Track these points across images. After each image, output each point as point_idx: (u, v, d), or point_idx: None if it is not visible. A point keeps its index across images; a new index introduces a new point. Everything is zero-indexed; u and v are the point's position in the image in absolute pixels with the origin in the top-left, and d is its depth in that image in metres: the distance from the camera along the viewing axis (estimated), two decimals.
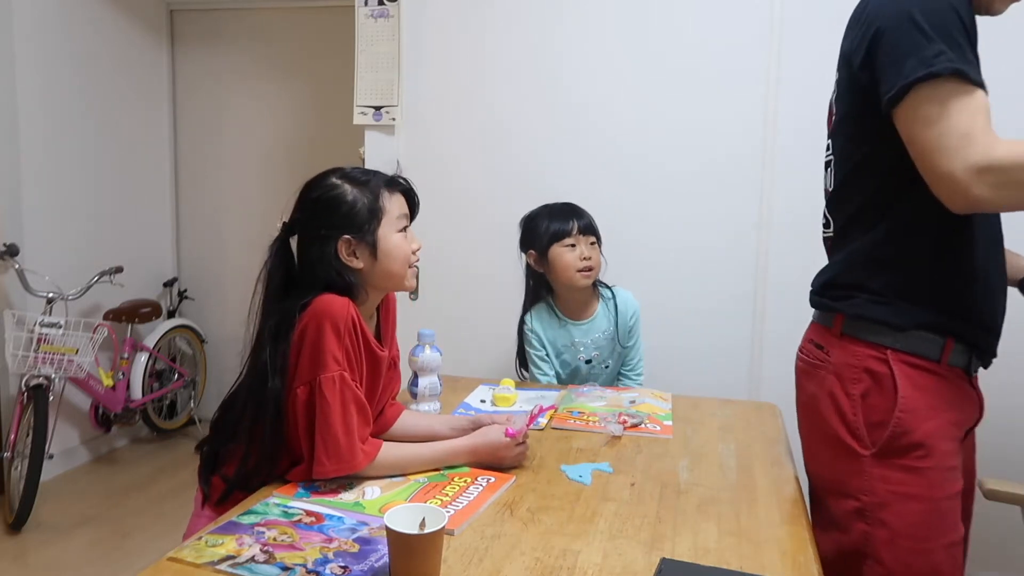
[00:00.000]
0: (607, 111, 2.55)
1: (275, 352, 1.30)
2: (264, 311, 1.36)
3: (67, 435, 3.50)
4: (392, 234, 1.38)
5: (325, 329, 1.28)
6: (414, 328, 1.79)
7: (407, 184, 1.44)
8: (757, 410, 1.89)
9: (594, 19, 2.54)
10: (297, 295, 1.33)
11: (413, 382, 1.75)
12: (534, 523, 1.21)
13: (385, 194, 1.38)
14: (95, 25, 3.57)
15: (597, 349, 2.11)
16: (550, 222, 2.06)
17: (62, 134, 3.43)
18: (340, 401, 1.28)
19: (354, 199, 1.36)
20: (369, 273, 1.38)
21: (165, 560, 1.07)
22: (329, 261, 1.34)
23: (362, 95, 2.73)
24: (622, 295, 2.14)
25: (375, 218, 1.36)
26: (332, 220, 1.35)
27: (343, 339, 1.29)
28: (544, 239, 2.06)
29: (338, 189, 1.36)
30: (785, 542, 1.18)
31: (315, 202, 1.37)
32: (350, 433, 1.28)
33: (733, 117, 2.44)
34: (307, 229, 1.37)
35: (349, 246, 1.35)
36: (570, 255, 2.03)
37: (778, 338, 2.47)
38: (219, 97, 4.05)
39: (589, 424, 1.70)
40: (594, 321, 2.12)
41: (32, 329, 3.01)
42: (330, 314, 1.29)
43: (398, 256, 1.39)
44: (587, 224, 2.08)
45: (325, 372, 1.28)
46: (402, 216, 1.41)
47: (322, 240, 1.35)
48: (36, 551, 2.84)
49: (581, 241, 2.04)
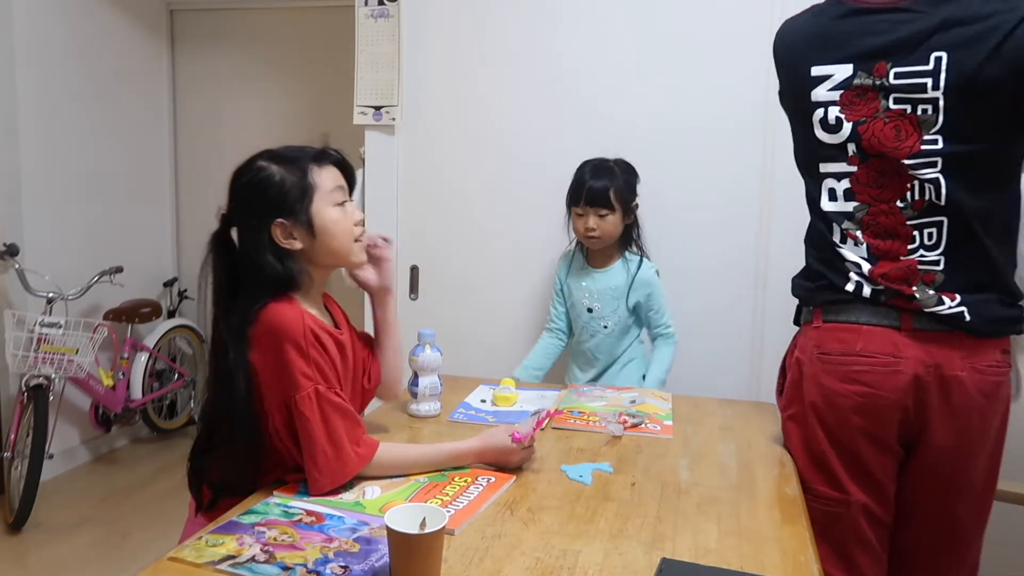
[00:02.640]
0: (607, 110, 2.54)
1: (237, 357, 1.26)
2: (217, 310, 1.33)
3: (67, 435, 3.50)
4: (327, 209, 1.33)
5: (286, 349, 1.25)
6: (414, 328, 1.79)
7: (338, 155, 1.39)
8: (757, 410, 1.89)
9: (594, 18, 2.54)
10: (245, 293, 1.29)
11: (413, 382, 1.75)
12: (534, 523, 1.21)
13: (314, 169, 1.33)
14: (95, 25, 3.57)
15: (600, 301, 2.18)
16: (573, 186, 2.19)
17: (62, 134, 3.43)
18: (320, 415, 1.26)
19: (282, 179, 1.30)
20: (311, 252, 1.33)
21: (165, 560, 1.07)
22: (267, 248, 1.29)
23: (362, 95, 2.73)
24: (645, 266, 2.21)
25: (306, 195, 1.31)
26: (263, 205, 1.30)
27: (307, 352, 1.26)
28: (567, 198, 2.21)
29: (265, 171, 1.31)
30: (785, 542, 1.18)
31: (244, 188, 1.32)
32: (337, 444, 1.26)
33: (735, 120, 2.44)
34: (241, 218, 1.32)
35: (284, 229, 1.30)
36: (579, 222, 2.17)
37: (778, 338, 2.47)
38: (219, 97, 4.05)
39: (589, 424, 1.70)
40: (608, 272, 2.21)
41: (32, 329, 3.01)
42: (287, 333, 1.25)
43: (337, 231, 1.34)
44: (597, 195, 2.13)
45: (298, 392, 1.25)
46: (337, 189, 1.35)
47: (256, 227, 1.30)
48: (36, 551, 2.84)
49: (589, 212, 2.13)
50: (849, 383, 1.40)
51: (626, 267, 2.21)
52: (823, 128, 1.44)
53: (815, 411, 1.45)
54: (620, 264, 2.22)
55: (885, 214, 1.40)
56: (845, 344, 1.41)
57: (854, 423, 1.41)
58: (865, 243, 1.42)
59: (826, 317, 1.46)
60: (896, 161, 1.37)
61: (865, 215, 1.42)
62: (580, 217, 2.16)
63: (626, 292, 2.18)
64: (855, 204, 1.43)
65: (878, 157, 1.39)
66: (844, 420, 1.41)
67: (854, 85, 1.39)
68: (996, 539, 2.19)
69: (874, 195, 1.41)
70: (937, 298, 1.36)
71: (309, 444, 1.25)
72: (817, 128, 1.45)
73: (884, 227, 1.40)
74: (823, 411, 1.44)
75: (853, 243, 1.43)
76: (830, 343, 1.44)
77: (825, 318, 1.46)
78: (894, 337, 1.38)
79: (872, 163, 1.40)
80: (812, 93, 1.43)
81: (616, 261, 2.22)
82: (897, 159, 1.36)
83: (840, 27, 1.41)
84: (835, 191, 1.45)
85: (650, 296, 2.20)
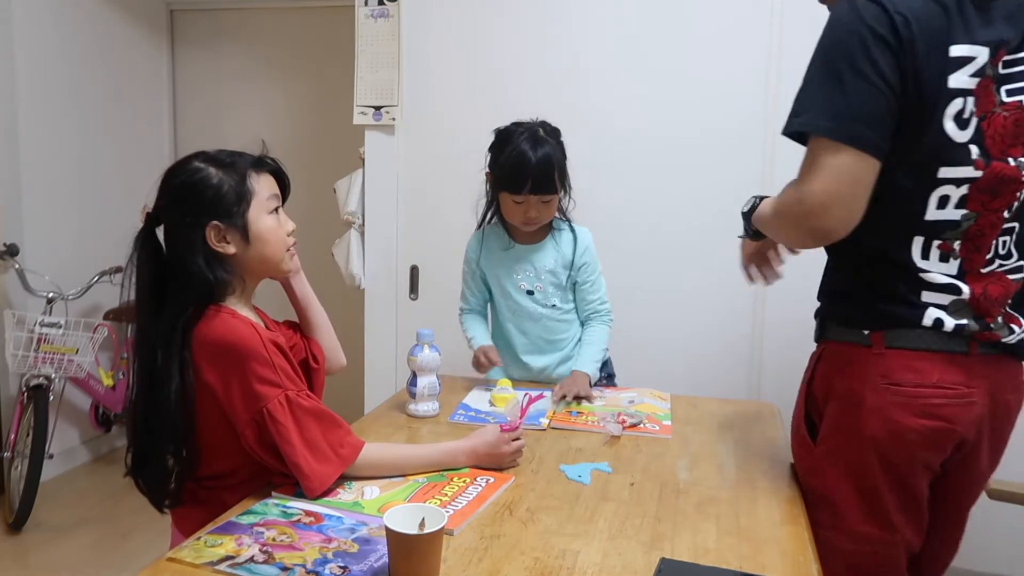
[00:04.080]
0: (608, 110, 2.55)
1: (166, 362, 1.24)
2: (142, 313, 1.30)
3: (67, 435, 3.50)
4: (263, 216, 1.32)
5: (249, 364, 1.23)
6: (413, 328, 1.79)
7: (275, 164, 1.37)
8: (757, 410, 1.89)
9: (595, 18, 2.54)
10: (173, 298, 1.27)
11: (412, 382, 1.75)
12: (533, 523, 1.21)
13: (252, 175, 1.31)
14: (95, 25, 3.57)
15: (539, 280, 1.96)
16: (509, 167, 1.85)
17: (62, 134, 3.43)
18: (294, 421, 1.24)
19: (220, 182, 1.28)
20: (243, 258, 1.32)
21: (165, 560, 1.07)
22: (198, 249, 1.27)
23: (362, 95, 2.73)
24: (580, 230, 1.99)
25: (244, 200, 1.29)
26: (198, 205, 1.27)
27: (272, 361, 1.24)
28: (498, 179, 1.91)
29: (202, 172, 1.29)
30: (785, 542, 1.18)
31: (179, 188, 1.29)
32: (316, 447, 1.25)
33: (736, 122, 2.44)
34: (172, 217, 1.30)
35: (219, 232, 1.28)
36: (516, 210, 1.88)
37: (778, 338, 2.47)
38: (219, 97, 4.05)
39: (588, 424, 1.70)
40: (542, 248, 1.97)
41: (32, 329, 3.01)
42: (247, 347, 1.24)
43: (271, 239, 1.33)
44: (543, 180, 1.83)
45: (268, 402, 1.23)
46: (272, 197, 1.34)
47: (189, 227, 1.27)
48: (36, 551, 2.84)
49: (532, 201, 1.86)
50: (924, 418, 1.25)
51: (556, 238, 1.97)
52: (956, 123, 1.20)
53: (875, 445, 1.28)
54: (549, 238, 1.98)
55: (992, 225, 1.24)
56: (920, 375, 1.25)
57: (919, 458, 1.28)
58: (960, 257, 1.25)
59: (891, 343, 1.27)
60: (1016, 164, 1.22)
61: (972, 225, 1.24)
62: (518, 205, 1.87)
63: (570, 264, 1.96)
64: (964, 212, 1.23)
65: (1000, 160, 1.21)
66: (910, 456, 1.28)
67: (987, 73, 1.19)
68: (996, 539, 2.20)
69: (986, 203, 1.23)
70: (1008, 327, 1.26)
71: (289, 452, 1.23)
72: (949, 123, 1.20)
73: (985, 238, 1.25)
74: (886, 446, 1.27)
75: (943, 257, 1.25)
76: (901, 373, 1.26)
77: (890, 344, 1.27)
78: (964, 364, 1.25)
79: (994, 167, 1.21)
80: (950, 79, 1.18)
81: (545, 235, 1.98)
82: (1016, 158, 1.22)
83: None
84: (948, 199, 1.23)
85: (586, 267, 1.97)
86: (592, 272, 1.99)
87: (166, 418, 1.26)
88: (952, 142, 1.20)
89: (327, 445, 1.27)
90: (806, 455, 1.40)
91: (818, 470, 1.36)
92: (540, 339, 2.01)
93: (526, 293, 1.98)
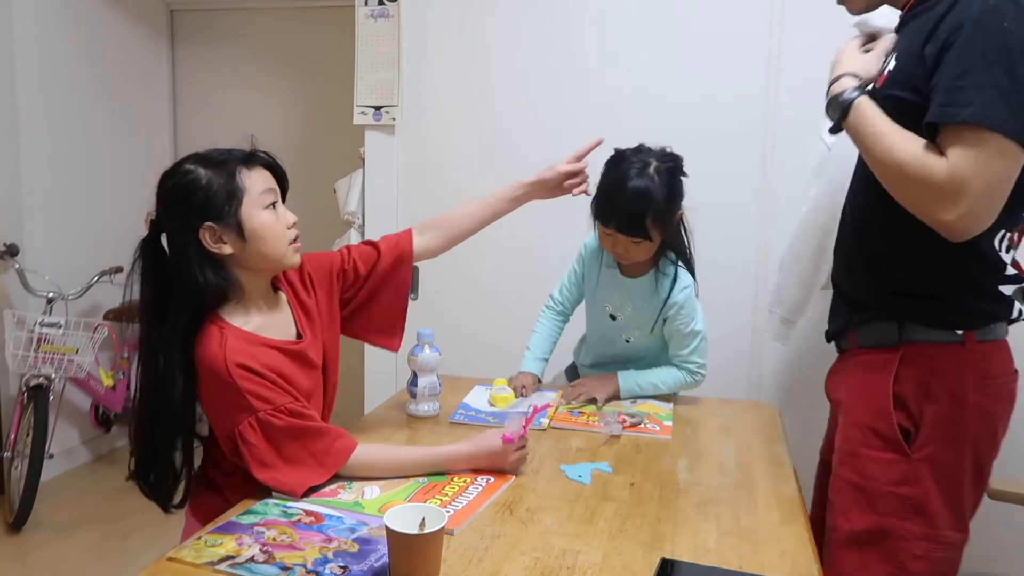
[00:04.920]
0: (607, 110, 2.54)
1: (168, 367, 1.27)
2: (146, 320, 1.31)
3: (67, 435, 3.49)
4: (257, 212, 1.30)
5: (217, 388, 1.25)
6: (414, 328, 1.79)
7: (268, 157, 1.35)
8: (757, 410, 1.89)
9: (595, 18, 2.54)
10: (175, 303, 1.28)
11: (412, 382, 1.75)
12: (534, 523, 1.21)
13: (243, 171, 1.30)
14: (95, 25, 3.57)
15: (624, 311, 1.88)
16: (601, 197, 1.77)
17: (62, 134, 3.43)
18: (266, 441, 1.25)
19: (209, 182, 1.27)
20: (242, 257, 1.31)
21: (165, 560, 1.07)
22: (195, 254, 1.27)
23: (362, 95, 2.73)
24: (682, 278, 1.85)
25: (234, 198, 1.28)
26: (190, 208, 1.27)
27: (238, 386, 1.24)
28: (592, 207, 1.81)
29: (192, 175, 1.28)
30: (785, 542, 1.18)
31: (171, 191, 1.29)
32: (292, 461, 1.26)
33: (735, 123, 2.44)
34: (169, 222, 1.30)
35: (213, 233, 1.28)
36: (606, 239, 1.79)
37: None
38: (219, 97, 4.05)
39: (589, 424, 1.70)
40: (640, 283, 1.85)
41: (32, 329, 3.01)
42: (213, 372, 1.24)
43: (268, 235, 1.31)
44: (629, 223, 1.72)
45: (237, 425, 1.24)
46: (267, 191, 1.32)
47: (184, 231, 1.27)
48: (36, 551, 2.84)
49: (620, 238, 1.75)
50: (1008, 402, 1.32)
51: (656, 281, 1.85)
52: None
53: (975, 444, 1.29)
54: (651, 276, 1.86)
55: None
56: (1004, 363, 1.33)
57: (999, 443, 1.33)
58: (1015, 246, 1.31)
59: (981, 337, 1.29)
60: None
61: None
62: (608, 236, 1.77)
63: (656, 313, 1.85)
64: None
65: None
66: (996, 445, 1.32)
67: None
68: (996, 539, 2.20)
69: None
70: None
71: (258, 470, 1.24)
72: None
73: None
74: (983, 441, 1.30)
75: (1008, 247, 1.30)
76: (993, 365, 1.31)
77: (980, 338, 1.29)
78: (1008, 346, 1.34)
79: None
80: None
81: (648, 272, 1.86)
82: None
83: None
84: None
85: (674, 316, 1.84)
86: (683, 322, 1.84)
87: (176, 416, 1.27)
88: None
89: (310, 456, 1.27)
90: (897, 463, 1.31)
91: (915, 478, 1.30)
92: (604, 356, 1.97)
93: (608, 316, 1.92)
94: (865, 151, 1.27)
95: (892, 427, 1.32)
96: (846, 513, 1.36)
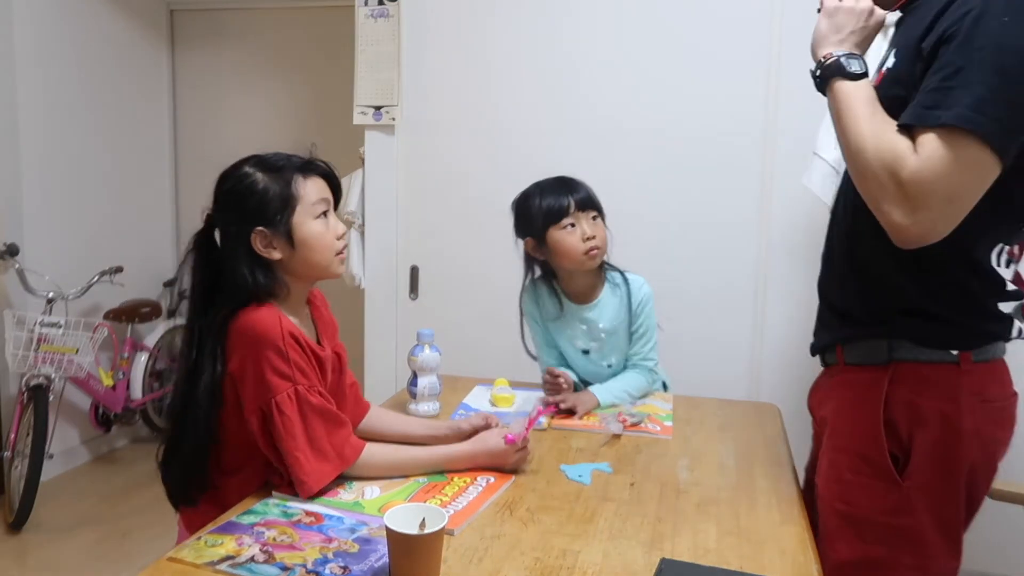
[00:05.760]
0: (607, 110, 2.54)
1: (201, 359, 1.28)
2: (194, 309, 1.33)
3: (67, 435, 3.49)
4: (308, 222, 1.31)
5: (265, 354, 1.24)
6: (413, 328, 1.79)
7: (325, 167, 1.37)
8: (757, 410, 1.89)
9: (595, 18, 2.54)
10: (222, 296, 1.29)
11: (412, 382, 1.75)
12: (534, 523, 1.21)
13: (299, 179, 1.31)
14: (95, 25, 3.57)
15: (595, 340, 1.87)
16: (542, 201, 1.80)
17: (62, 134, 3.43)
18: (299, 415, 1.25)
19: (265, 188, 1.29)
20: (289, 263, 1.32)
21: (165, 560, 1.07)
22: (245, 256, 1.28)
23: (362, 95, 2.73)
24: (635, 281, 1.88)
25: (288, 206, 1.29)
26: (243, 212, 1.29)
27: (286, 354, 1.25)
28: (539, 221, 1.79)
29: (249, 179, 1.30)
30: (785, 542, 1.18)
31: (227, 194, 1.31)
32: (317, 444, 1.26)
33: (735, 123, 2.44)
34: (223, 223, 1.32)
35: (265, 238, 1.29)
36: (571, 237, 1.77)
37: (778, 338, 2.47)
38: (219, 97, 4.05)
39: (589, 424, 1.70)
40: (598, 306, 1.86)
41: (32, 329, 3.01)
42: (263, 336, 1.25)
43: (317, 244, 1.32)
44: (584, 197, 1.80)
45: (277, 394, 1.24)
46: (320, 201, 1.33)
47: (236, 234, 1.29)
48: (36, 551, 2.84)
49: (581, 219, 1.77)
50: (1008, 428, 1.22)
51: (613, 290, 1.86)
52: None
53: (972, 471, 1.20)
54: (607, 290, 1.87)
55: None
56: (1004, 385, 1.23)
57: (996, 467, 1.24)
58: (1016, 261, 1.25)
59: (978, 357, 1.20)
60: None
61: None
62: (572, 231, 1.77)
63: (627, 321, 1.86)
64: None
65: None
66: (993, 469, 1.24)
67: None
68: (996, 539, 2.20)
69: None
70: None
71: (290, 446, 1.24)
72: None
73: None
74: (980, 467, 1.21)
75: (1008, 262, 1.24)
76: (991, 387, 1.21)
77: (977, 358, 1.20)
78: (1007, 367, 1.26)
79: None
80: None
81: (601, 288, 1.87)
82: None
83: None
84: None
85: (644, 307, 1.87)
86: (648, 316, 1.87)
87: (197, 409, 1.27)
88: None
89: (329, 444, 1.28)
90: (887, 492, 1.22)
91: (907, 508, 1.21)
92: None
93: (581, 352, 1.90)
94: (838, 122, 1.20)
95: (883, 454, 1.23)
96: (833, 543, 1.27)
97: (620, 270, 1.90)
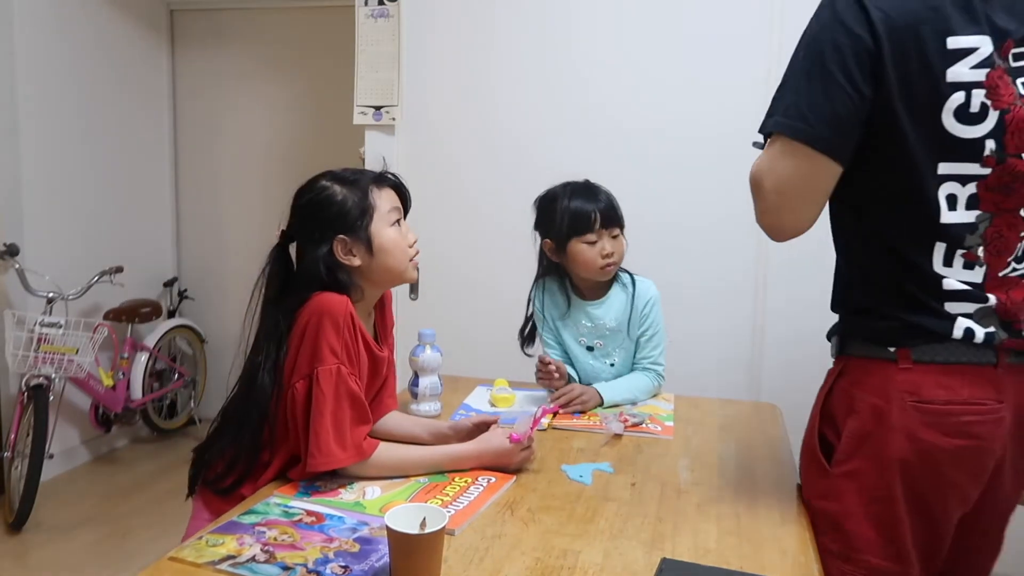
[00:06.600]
0: (607, 110, 2.55)
1: (268, 352, 1.33)
2: (262, 315, 1.38)
3: (67, 435, 3.50)
4: (385, 229, 1.40)
5: (324, 324, 1.29)
6: (414, 328, 1.79)
7: (395, 179, 1.46)
8: (757, 410, 1.89)
9: (596, 18, 2.54)
10: (294, 297, 1.35)
11: (413, 382, 1.75)
12: (534, 523, 1.21)
13: (374, 190, 1.40)
14: (95, 25, 3.57)
15: (600, 338, 1.90)
16: (570, 215, 1.82)
17: (62, 134, 3.43)
18: (334, 394, 1.29)
19: (344, 198, 1.37)
20: (368, 269, 1.39)
21: (165, 560, 1.07)
22: (326, 262, 1.35)
23: (362, 95, 2.73)
24: (642, 283, 1.91)
25: (366, 215, 1.38)
26: (325, 222, 1.36)
27: (342, 333, 1.30)
28: (563, 231, 1.83)
29: (328, 191, 1.38)
30: (785, 542, 1.18)
31: (306, 206, 1.39)
32: (340, 427, 1.29)
33: (735, 123, 2.44)
34: (303, 234, 1.39)
35: (345, 245, 1.37)
36: (591, 252, 1.82)
37: (778, 339, 2.48)
38: (219, 97, 4.05)
39: (590, 424, 1.70)
40: (605, 303, 1.89)
41: (32, 329, 3.01)
42: (329, 310, 1.30)
43: (394, 250, 1.41)
44: (609, 215, 1.83)
45: (322, 365, 1.29)
46: (393, 210, 1.42)
47: (318, 242, 1.36)
48: (36, 551, 2.84)
49: (604, 235, 1.82)
50: (956, 437, 1.16)
51: (623, 289, 1.91)
52: (958, 118, 1.14)
53: (902, 468, 1.18)
54: (616, 288, 1.91)
55: (1010, 225, 1.17)
56: (950, 391, 1.17)
57: (952, 481, 1.19)
58: (986, 264, 1.18)
59: (918, 357, 1.19)
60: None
61: (988, 227, 1.17)
62: (592, 245, 1.81)
63: (627, 320, 1.89)
64: (978, 214, 1.16)
65: (1015, 156, 1.14)
66: (940, 480, 1.19)
67: (996, 64, 1.12)
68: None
69: (999, 202, 1.16)
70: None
71: (317, 419, 1.28)
72: (948, 118, 1.14)
73: (1005, 240, 1.17)
74: (914, 469, 1.18)
75: (967, 265, 1.18)
76: (931, 390, 1.17)
77: (917, 358, 1.19)
78: (993, 377, 1.18)
79: (1008, 164, 1.14)
80: (948, 72, 1.13)
81: (612, 288, 1.91)
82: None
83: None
84: (956, 198, 1.16)
85: (645, 319, 1.89)
86: (649, 324, 1.89)
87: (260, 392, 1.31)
88: (952, 137, 1.14)
89: (351, 433, 1.30)
90: (819, 477, 1.28)
91: (833, 493, 1.24)
92: None
93: (586, 349, 1.93)
94: None
95: (812, 438, 1.30)
96: None
97: (630, 272, 1.94)
